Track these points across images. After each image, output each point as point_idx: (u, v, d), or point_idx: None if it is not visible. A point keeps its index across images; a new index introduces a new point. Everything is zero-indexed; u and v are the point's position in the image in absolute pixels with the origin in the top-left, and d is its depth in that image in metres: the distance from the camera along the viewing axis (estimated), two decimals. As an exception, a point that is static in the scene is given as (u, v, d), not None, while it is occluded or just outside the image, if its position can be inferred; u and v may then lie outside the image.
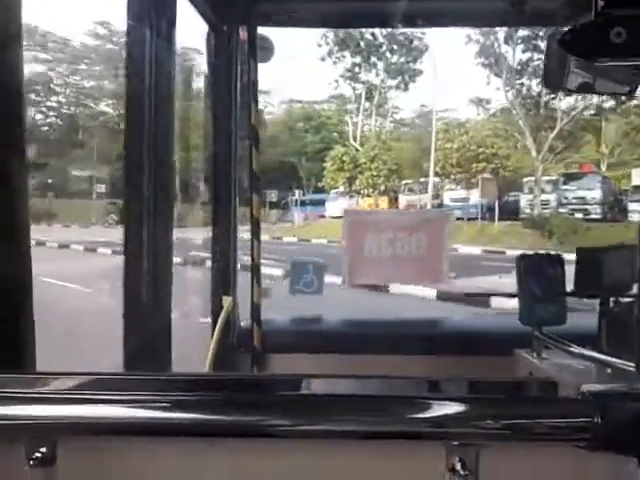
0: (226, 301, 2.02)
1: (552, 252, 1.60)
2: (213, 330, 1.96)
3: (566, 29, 0.69)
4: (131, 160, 1.59)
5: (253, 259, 2.10)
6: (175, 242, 1.70)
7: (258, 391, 0.76)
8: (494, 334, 1.98)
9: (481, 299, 6.08)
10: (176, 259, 1.76)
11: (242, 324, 2.13)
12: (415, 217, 2.33)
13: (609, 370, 1.28)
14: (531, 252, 1.59)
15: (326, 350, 1.91)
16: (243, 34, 2.17)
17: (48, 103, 23.53)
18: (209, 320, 2.04)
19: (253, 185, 2.17)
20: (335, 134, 24.86)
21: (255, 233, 2.11)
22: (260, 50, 2.21)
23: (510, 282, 1.65)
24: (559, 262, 1.56)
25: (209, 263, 2.16)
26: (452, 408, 0.68)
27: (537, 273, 1.55)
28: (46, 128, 23.60)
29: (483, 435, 0.67)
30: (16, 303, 0.99)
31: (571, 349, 1.38)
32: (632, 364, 0.93)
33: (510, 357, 1.58)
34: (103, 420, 0.71)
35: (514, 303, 1.59)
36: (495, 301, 5.84)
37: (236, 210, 2.18)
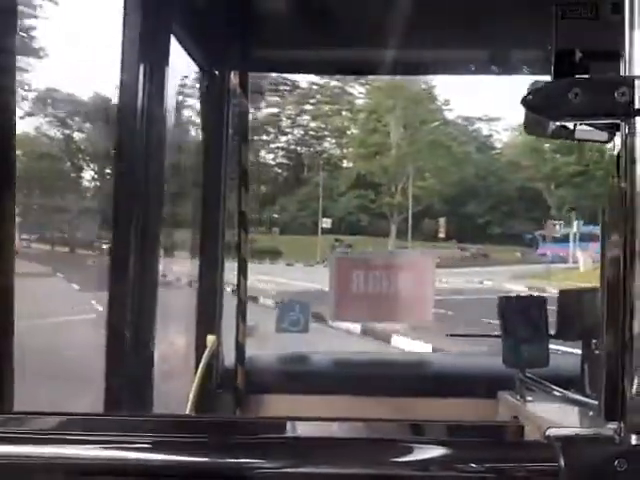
0: (210, 340, 2.00)
1: (534, 293, 1.62)
2: (196, 368, 1.94)
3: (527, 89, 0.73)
4: (120, 196, 1.60)
5: (239, 297, 2.10)
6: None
7: (240, 433, 0.76)
8: (478, 376, 1.97)
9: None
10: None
11: (225, 363, 2.11)
12: (402, 256, 2.35)
13: (592, 413, 1.28)
14: (513, 294, 1.61)
15: (310, 391, 1.89)
16: (235, 78, 2.24)
17: (277, 144, 24.16)
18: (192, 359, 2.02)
19: (241, 224, 2.20)
20: (596, 153, 19.08)
21: (242, 271, 2.12)
22: (252, 94, 2.27)
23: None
24: (541, 304, 1.58)
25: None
26: (431, 451, 0.69)
27: (519, 315, 1.56)
28: (275, 168, 24.20)
29: (459, 478, 0.67)
30: None
31: (554, 392, 1.39)
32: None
33: (494, 399, 1.58)
34: (80, 461, 0.70)
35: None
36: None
37: (222, 248, 2.20)
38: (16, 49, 1.06)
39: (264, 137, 22.94)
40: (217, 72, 2.18)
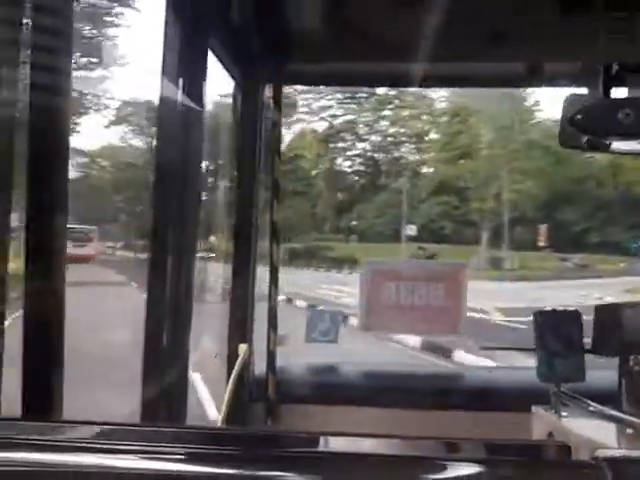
0: (242, 349, 2.02)
1: (570, 308, 1.60)
2: (228, 378, 1.96)
3: (577, 108, 0.73)
4: (157, 211, 1.64)
5: (270, 306, 2.12)
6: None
7: (273, 446, 0.76)
8: (511, 389, 1.95)
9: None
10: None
11: (257, 373, 2.13)
12: (434, 268, 2.34)
13: (630, 430, 1.26)
14: (549, 308, 1.60)
15: (341, 402, 1.90)
16: (269, 91, 2.28)
17: (354, 151, 23.13)
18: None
19: (273, 235, 2.22)
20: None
21: (273, 280, 2.14)
22: (284, 107, 2.31)
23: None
24: (577, 317, 1.56)
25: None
26: (467, 469, 0.68)
27: (555, 329, 1.54)
28: (352, 175, 23.35)
29: None
30: (47, 345, 1.02)
31: (590, 407, 1.36)
32: None
33: (528, 414, 1.56)
34: (113, 470, 0.71)
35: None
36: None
37: (255, 259, 2.23)
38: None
39: (340, 144, 22.16)
40: (251, 85, 2.22)
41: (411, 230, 18.71)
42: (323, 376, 2.20)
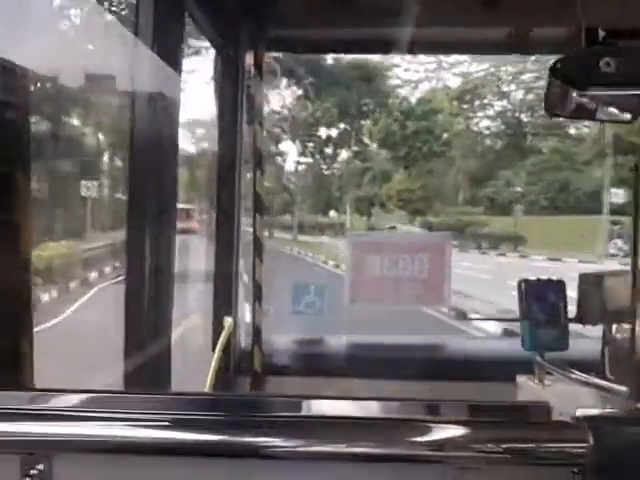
0: (227, 322, 2.01)
1: (554, 278, 1.59)
2: (213, 351, 1.95)
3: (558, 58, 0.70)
4: (135, 180, 1.61)
5: (255, 279, 2.10)
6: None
7: (257, 411, 0.76)
8: (495, 359, 1.96)
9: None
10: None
11: (242, 345, 2.12)
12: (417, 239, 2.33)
13: (613, 398, 1.27)
14: (533, 278, 1.59)
15: (326, 373, 1.90)
16: (250, 58, 2.22)
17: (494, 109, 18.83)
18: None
19: (257, 207, 2.19)
20: None
21: (258, 253, 2.12)
22: (266, 74, 2.25)
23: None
24: (561, 287, 1.56)
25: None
26: (449, 431, 0.68)
27: (539, 298, 1.54)
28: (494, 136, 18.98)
29: (479, 459, 0.66)
30: (16, 318, 1.00)
31: (573, 376, 1.37)
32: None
33: (512, 383, 1.57)
34: (100, 438, 0.71)
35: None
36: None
37: (239, 232, 2.20)
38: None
39: (477, 102, 18.57)
40: (232, 52, 2.16)
41: (616, 196, 12.86)
42: (307, 348, 2.20)
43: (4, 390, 0.78)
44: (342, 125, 17.84)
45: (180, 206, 2.09)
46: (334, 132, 18.05)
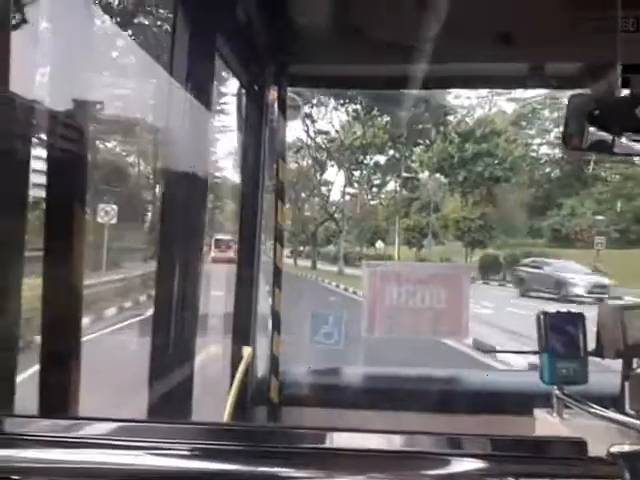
0: (246, 351, 2.03)
1: (573, 310, 1.59)
2: (232, 381, 1.96)
3: (593, 103, 0.73)
4: (166, 216, 1.65)
5: (273, 309, 2.13)
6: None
7: (275, 442, 0.77)
8: (513, 392, 1.94)
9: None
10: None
11: (260, 375, 2.13)
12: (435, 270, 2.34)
13: (633, 433, 1.25)
14: (552, 310, 1.59)
15: (344, 405, 1.90)
16: (273, 93, 2.29)
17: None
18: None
19: (277, 237, 2.23)
20: None
21: (277, 283, 2.14)
22: (288, 109, 2.32)
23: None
24: (580, 320, 1.56)
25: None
26: (473, 465, 0.68)
27: (558, 331, 1.54)
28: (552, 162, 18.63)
29: None
30: (64, 344, 1.02)
31: (592, 410, 1.36)
32: None
33: (529, 417, 1.55)
34: (120, 466, 0.72)
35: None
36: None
37: (259, 261, 2.23)
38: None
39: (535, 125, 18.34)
40: (256, 88, 2.23)
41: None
42: (325, 379, 2.20)
43: (21, 417, 0.80)
44: (391, 151, 17.07)
45: (222, 237, 2.17)
46: (382, 158, 17.23)
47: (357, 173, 17.18)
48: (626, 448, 0.67)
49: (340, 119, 15.99)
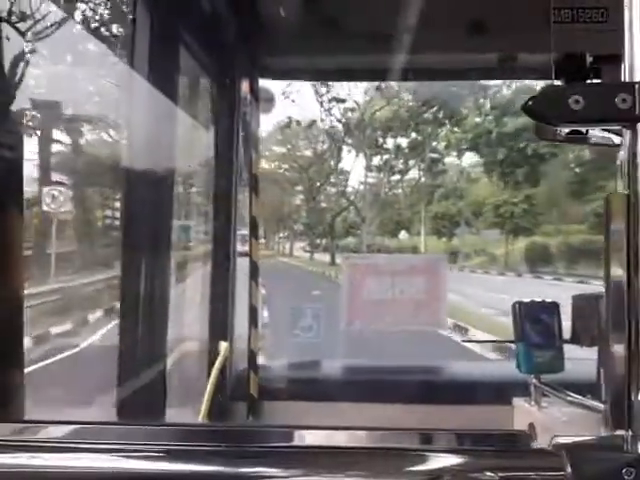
0: (222, 347, 2.00)
1: (548, 299, 1.60)
2: (208, 377, 1.94)
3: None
4: (129, 209, 1.62)
5: (250, 303, 2.10)
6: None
7: (251, 442, 0.76)
8: (491, 382, 1.96)
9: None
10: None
11: (239, 370, 2.11)
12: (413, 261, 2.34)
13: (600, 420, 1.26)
14: (527, 299, 1.60)
15: (322, 398, 1.89)
16: (245, 86, 2.25)
17: None
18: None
19: (252, 230, 2.20)
20: None
21: (253, 276, 2.12)
22: (262, 101, 2.29)
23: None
24: (555, 308, 1.56)
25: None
26: (435, 461, 0.69)
27: (534, 320, 1.54)
28: None
29: None
30: (6, 346, 1.00)
31: (569, 398, 1.37)
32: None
33: (509, 406, 1.56)
34: (89, 470, 0.70)
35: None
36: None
37: (235, 256, 2.20)
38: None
39: None
40: (227, 80, 2.19)
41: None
42: (303, 372, 2.19)
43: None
44: (413, 134, 14.71)
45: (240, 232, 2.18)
46: (404, 141, 14.80)
47: (377, 156, 14.78)
48: (569, 440, 0.67)
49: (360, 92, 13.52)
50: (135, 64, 1.61)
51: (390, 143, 14.56)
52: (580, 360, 1.62)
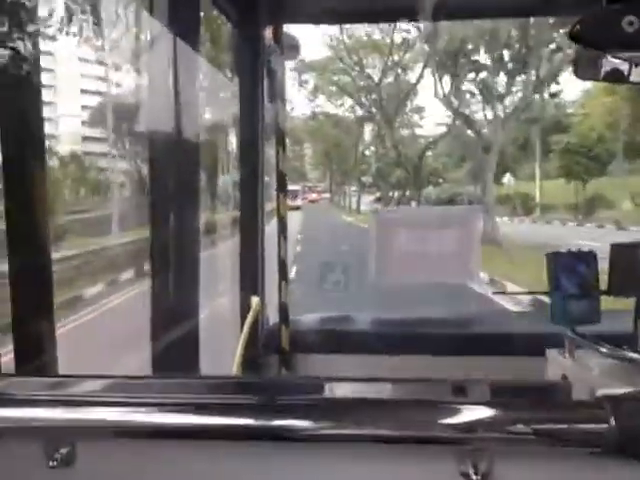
0: (254, 301, 2.02)
1: (584, 248, 1.54)
2: (241, 331, 1.97)
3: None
4: (156, 169, 1.61)
5: (280, 258, 2.10)
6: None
7: (282, 394, 0.76)
8: (524, 333, 1.93)
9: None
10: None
11: (270, 323, 2.14)
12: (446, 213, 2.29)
13: None
14: (562, 249, 1.54)
15: (353, 350, 1.90)
16: (269, 32, 2.18)
17: None
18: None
19: (280, 185, 2.18)
20: None
21: (282, 231, 2.11)
22: (287, 49, 2.21)
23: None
24: (592, 259, 1.51)
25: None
26: (472, 413, 0.68)
27: (569, 270, 1.49)
28: None
29: (496, 439, 0.66)
30: (37, 305, 1.02)
31: (604, 349, 1.33)
32: None
33: (542, 357, 1.54)
34: (125, 423, 0.71)
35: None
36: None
37: (263, 210, 2.19)
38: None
39: None
40: (250, 28, 2.12)
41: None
42: (334, 325, 2.20)
43: (27, 376, 0.79)
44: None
45: (289, 188, 2.20)
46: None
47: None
48: (612, 391, 0.66)
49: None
50: (155, 14, 1.56)
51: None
52: (617, 312, 1.57)
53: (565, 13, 1.94)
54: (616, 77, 1.04)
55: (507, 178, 11.49)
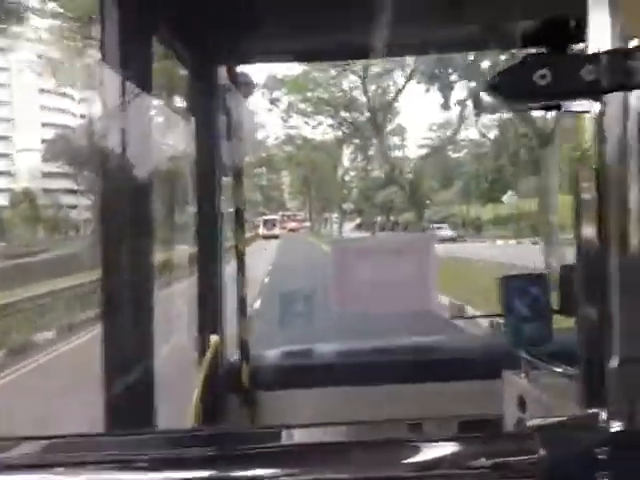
0: (213, 340, 1.99)
1: (536, 272, 1.59)
2: (199, 371, 1.93)
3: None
4: (106, 199, 1.59)
5: (239, 294, 2.09)
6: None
7: (240, 444, 0.74)
8: (481, 357, 1.95)
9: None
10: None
11: (230, 360, 2.10)
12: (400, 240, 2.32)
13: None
14: (514, 273, 1.58)
15: (315, 384, 1.88)
16: (223, 73, 2.21)
17: None
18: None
19: (238, 221, 2.18)
20: None
21: (240, 268, 2.10)
22: (242, 86, 2.25)
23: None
24: (543, 280, 1.55)
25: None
26: (405, 451, 0.67)
27: (521, 293, 1.53)
28: None
29: (435, 476, 0.65)
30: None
31: (558, 369, 1.36)
32: None
33: (499, 380, 1.56)
34: None
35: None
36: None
37: (222, 246, 2.18)
38: None
39: None
40: (204, 68, 2.15)
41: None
42: (294, 359, 2.18)
43: None
44: None
45: (267, 217, 2.15)
46: None
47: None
48: (542, 421, 0.67)
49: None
50: (107, 58, 1.57)
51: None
52: (570, 330, 1.61)
53: (505, 47, 2.04)
54: (550, 106, 1.10)
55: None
